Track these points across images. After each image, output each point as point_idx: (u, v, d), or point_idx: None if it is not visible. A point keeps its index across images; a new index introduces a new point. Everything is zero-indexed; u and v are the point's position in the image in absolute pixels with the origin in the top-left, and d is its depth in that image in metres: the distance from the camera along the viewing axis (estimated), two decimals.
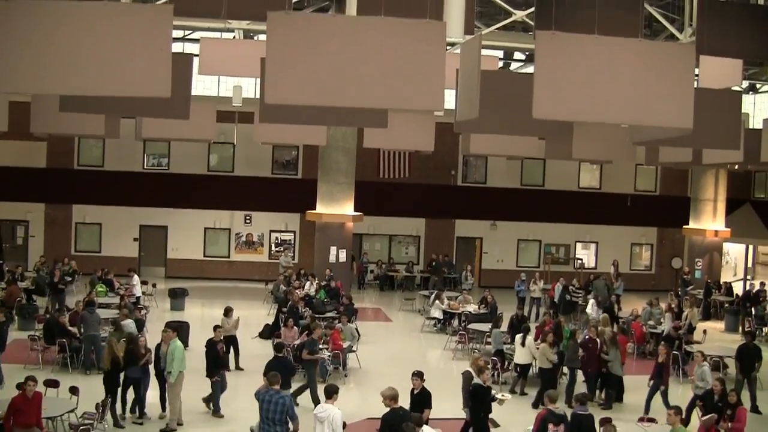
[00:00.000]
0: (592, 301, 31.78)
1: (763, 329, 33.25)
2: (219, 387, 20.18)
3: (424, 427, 14.82)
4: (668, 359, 22.11)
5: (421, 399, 16.45)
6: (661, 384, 21.63)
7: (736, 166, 32.76)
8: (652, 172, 47.05)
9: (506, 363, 24.86)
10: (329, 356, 23.80)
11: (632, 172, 46.53)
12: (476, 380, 17.46)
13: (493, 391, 17.95)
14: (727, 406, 17.82)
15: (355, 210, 37.35)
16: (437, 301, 32.80)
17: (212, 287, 40.19)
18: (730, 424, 17.47)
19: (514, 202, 45.14)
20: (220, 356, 20.39)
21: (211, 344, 20.40)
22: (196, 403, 20.47)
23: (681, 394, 24.07)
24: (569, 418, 15.99)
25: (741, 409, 17.79)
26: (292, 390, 19.11)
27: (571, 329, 25.46)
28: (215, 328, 21.16)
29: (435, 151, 22.50)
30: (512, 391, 23.22)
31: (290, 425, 15.45)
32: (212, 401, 20.22)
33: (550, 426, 15.52)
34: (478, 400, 17.24)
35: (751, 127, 29.12)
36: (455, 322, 31.90)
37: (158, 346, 19.78)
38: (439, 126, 21.46)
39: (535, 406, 21.84)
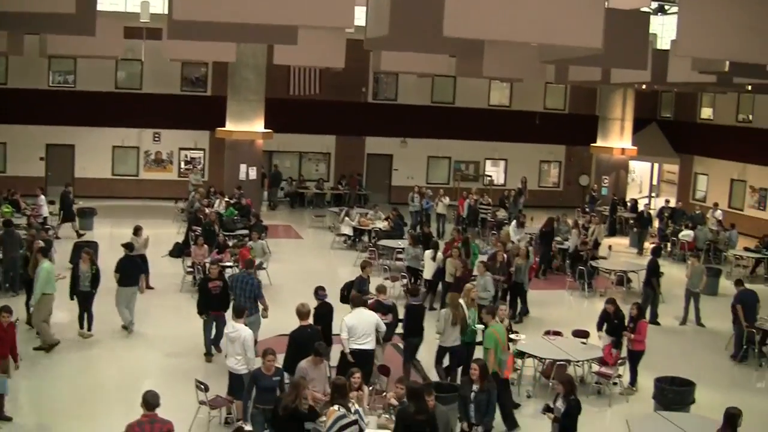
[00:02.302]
0: (513, 223, 31.79)
1: (667, 245, 34.03)
2: (209, 327, 19.05)
3: None
4: (465, 273, 22.86)
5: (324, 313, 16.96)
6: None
7: (644, 86, 33.25)
8: (562, 90, 47.49)
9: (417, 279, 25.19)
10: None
11: (542, 90, 46.89)
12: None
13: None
14: (630, 320, 18.42)
15: (265, 127, 37.11)
16: (347, 218, 32.94)
17: (121, 206, 39.70)
18: (632, 336, 18.10)
19: (424, 119, 45.23)
20: (211, 295, 18.87)
21: (203, 281, 19.52)
22: (105, 321, 20.47)
23: (586, 307, 24.67)
24: (405, 309, 18.14)
25: (642, 322, 18.40)
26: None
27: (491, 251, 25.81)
28: (213, 262, 20.65)
29: (345, 68, 22.32)
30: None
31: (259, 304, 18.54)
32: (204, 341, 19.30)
33: (380, 315, 16.62)
34: None
35: (658, 47, 29.45)
36: (365, 239, 32.14)
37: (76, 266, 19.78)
38: (349, 43, 21.28)
39: None
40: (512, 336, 17.93)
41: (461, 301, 17.46)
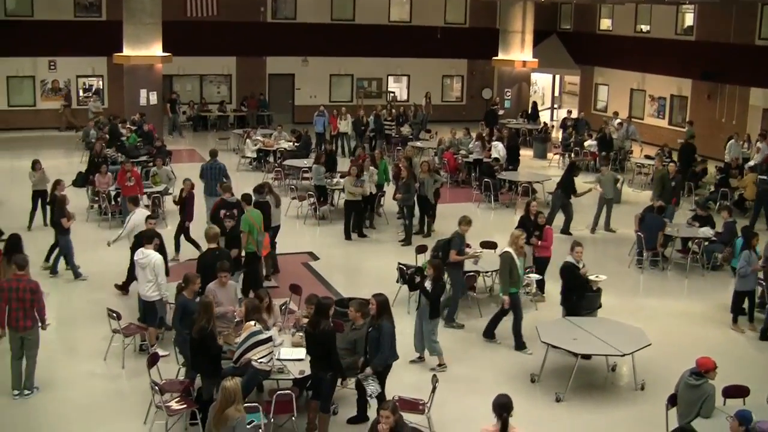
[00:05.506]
0: (499, 145, 30.60)
1: (570, 155, 34.35)
2: None
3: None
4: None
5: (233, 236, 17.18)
6: None
7: None
8: (462, 4, 47.46)
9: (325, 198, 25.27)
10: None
11: (442, 4, 46.89)
12: (569, 258, 16.30)
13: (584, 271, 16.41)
14: (535, 227, 18.66)
15: (164, 51, 36.38)
16: (248, 140, 32.77)
17: (19, 138, 38.71)
18: (539, 242, 18.63)
19: (325, 37, 44.82)
20: None
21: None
22: None
23: (493, 219, 24.93)
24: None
25: (548, 228, 18.71)
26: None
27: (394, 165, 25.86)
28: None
29: None
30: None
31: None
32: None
33: (222, 212, 18.25)
34: (570, 280, 16.22)
35: None
36: (271, 159, 32.02)
37: None
38: None
39: (347, 237, 22.99)
40: (592, 278, 16.55)
41: (510, 249, 16.25)
